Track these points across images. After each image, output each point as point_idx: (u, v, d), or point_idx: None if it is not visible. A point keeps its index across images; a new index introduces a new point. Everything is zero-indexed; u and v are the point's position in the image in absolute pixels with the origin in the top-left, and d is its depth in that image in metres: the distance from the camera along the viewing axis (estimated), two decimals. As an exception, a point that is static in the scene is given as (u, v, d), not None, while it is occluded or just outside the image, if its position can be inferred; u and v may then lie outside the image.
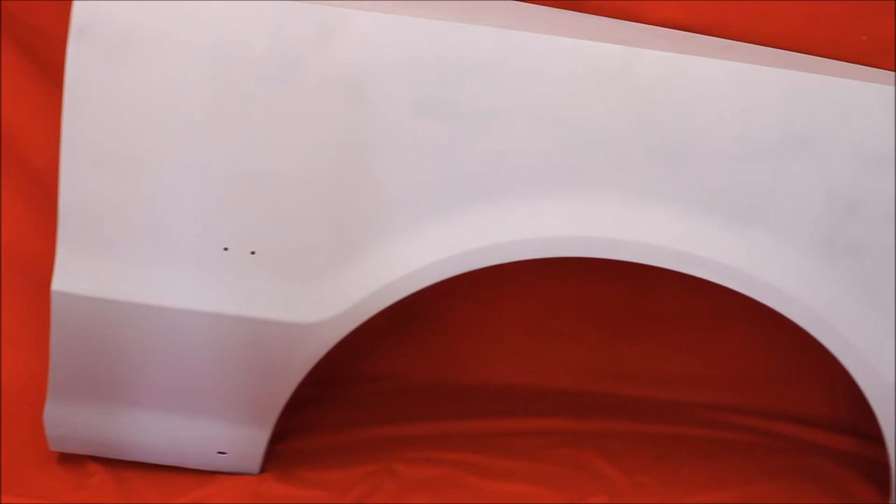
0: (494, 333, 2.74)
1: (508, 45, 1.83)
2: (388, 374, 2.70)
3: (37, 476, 2.15)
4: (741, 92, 1.85)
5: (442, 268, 1.92)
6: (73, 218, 1.92)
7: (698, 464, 2.40)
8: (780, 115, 1.86)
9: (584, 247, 1.91)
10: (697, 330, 2.73)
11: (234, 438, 2.13)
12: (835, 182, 1.87)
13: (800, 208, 1.89)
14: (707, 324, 2.71)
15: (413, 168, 1.87)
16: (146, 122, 1.88)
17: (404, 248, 1.91)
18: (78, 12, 1.84)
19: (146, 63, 1.86)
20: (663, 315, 2.72)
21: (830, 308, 1.94)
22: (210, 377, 2.05)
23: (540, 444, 2.42)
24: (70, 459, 2.18)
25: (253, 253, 1.93)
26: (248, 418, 2.10)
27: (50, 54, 2.41)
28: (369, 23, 1.82)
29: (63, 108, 1.87)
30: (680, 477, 2.34)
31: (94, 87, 1.87)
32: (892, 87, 1.85)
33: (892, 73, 2.04)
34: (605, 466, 2.34)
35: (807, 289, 1.92)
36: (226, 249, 1.93)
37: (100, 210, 1.92)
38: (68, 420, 2.09)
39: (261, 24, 1.83)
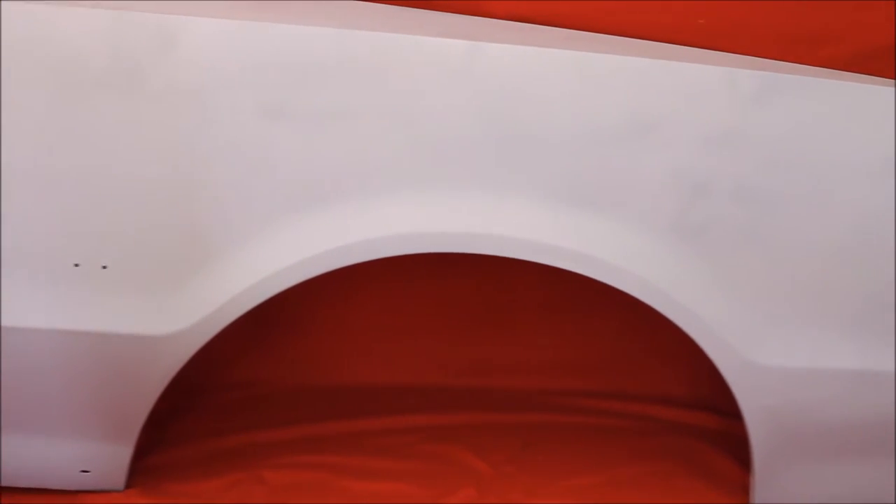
0: (356, 334, 2.74)
1: (352, 45, 1.81)
2: (251, 381, 2.67)
3: None
4: (586, 80, 1.86)
5: (297, 271, 1.91)
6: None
7: (566, 450, 2.43)
8: (625, 102, 1.87)
9: (438, 242, 1.91)
10: (558, 318, 2.76)
11: (97, 456, 2.10)
12: (681, 165, 1.89)
13: (649, 192, 1.91)
14: (567, 311, 2.74)
15: (262, 173, 1.85)
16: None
17: (258, 253, 1.89)
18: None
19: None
20: (524, 305, 2.75)
21: (684, 289, 1.96)
22: (68, 395, 2.01)
23: (407, 441, 2.43)
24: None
25: (104, 267, 1.89)
26: (109, 435, 2.07)
27: None
28: (210, 30, 1.79)
29: None
30: (547, 464, 2.36)
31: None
32: (731, 70, 1.88)
33: (733, 55, 2.07)
34: (472, 459, 2.36)
35: (660, 271, 1.95)
36: (77, 265, 1.89)
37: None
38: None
39: (102, 35, 1.78)
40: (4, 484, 2.12)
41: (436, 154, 1.86)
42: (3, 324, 1.91)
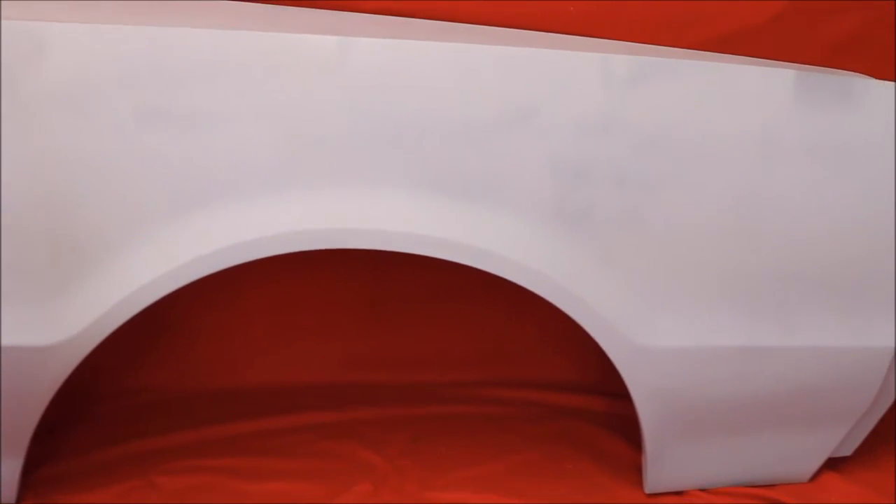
0: (243, 335, 2.73)
1: (224, 46, 1.79)
2: (141, 388, 2.65)
3: None
4: (460, 71, 1.85)
5: (179, 275, 1.87)
6: None
7: (458, 441, 2.45)
8: (499, 91, 1.87)
9: (319, 239, 1.89)
10: (445, 310, 2.77)
11: (-16, 471, 2.06)
12: (559, 151, 1.90)
13: (527, 180, 1.91)
14: (454, 302, 2.76)
15: (140, 177, 1.82)
16: None
17: (140, 258, 1.85)
18: None
19: None
20: (410, 298, 2.75)
21: (568, 275, 1.97)
22: (-49, 410, 1.97)
23: (300, 440, 2.42)
24: None
25: (-17, 278, 1.86)
26: (-5, 449, 2.03)
27: None
28: (82, 35, 1.75)
29: None
30: (441, 456, 2.38)
31: None
32: (605, 56, 1.90)
33: (606, 40, 2.09)
34: (366, 454, 2.37)
35: (543, 258, 1.95)
36: (-46, 277, 1.86)
37: None
38: None
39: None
40: None
41: (312, 151, 1.84)
42: None
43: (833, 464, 2.38)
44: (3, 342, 1.88)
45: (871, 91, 1.99)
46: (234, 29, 1.81)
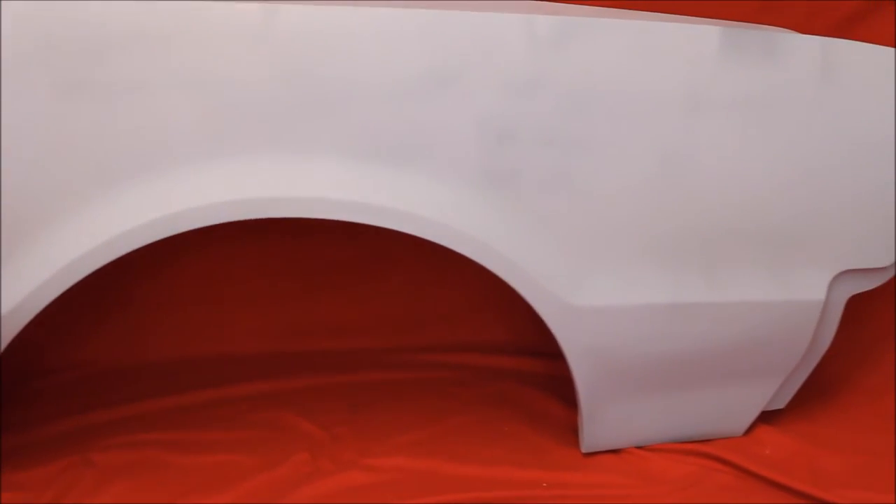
0: (178, 306, 2.73)
1: (146, 15, 1.77)
2: (79, 363, 2.64)
3: None
4: (383, 35, 1.85)
5: (110, 248, 1.85)
6: None
7: (394, 407, 2.46)
8: (424, 54, 1.87)
9: (247, 209, 1.87)
10: (376, 275, 2.79)
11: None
12: (485, 113, 1.90)
13: (454, 143, 1.92)
14: (388, 269, 2.76)
15: (65, 150, 1.80)
16: None
17: (66, 233, 1.83)
18: None
19: None
20: (341, 265, 2.76)
21: (497, 237, 1.97)
22: None
23: (237, 410, 2.43)
24: None
25: None
26: (-72, 431, 2.01)
27: None
28: (-2, 7, 1.75)
29: None
30: (378, 423, 2.38)
31: None
32: (528, 16, 1.89)
33: (531, 1, 2.09)
34: (303, 424, 2.37)
35: (472, 221, 1.95)
36: None
37: None
38: None
39: None
40: None
41: (238, 120, 1.83)
42: None
43: (767, 417, 2.40)
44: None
45: (796, 45, 2.01)
46: (154, -1, 1.79)
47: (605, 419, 2.24)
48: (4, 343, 1.92)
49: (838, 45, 2.04)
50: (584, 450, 2.28)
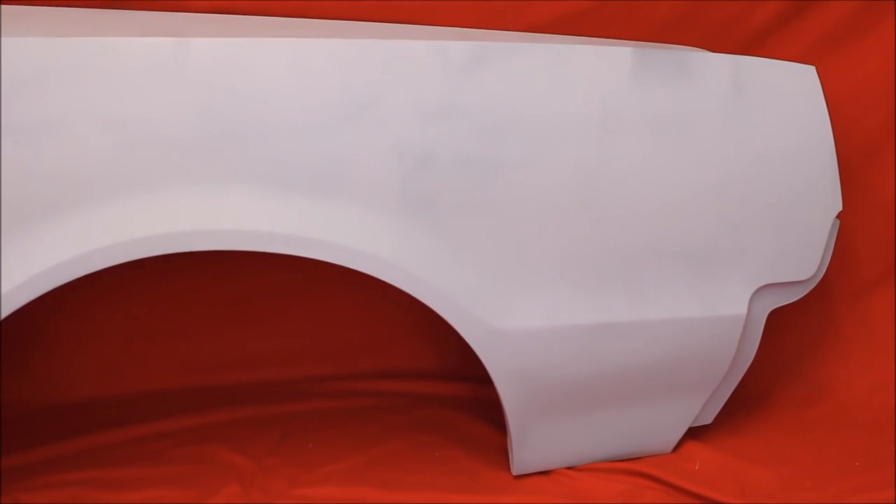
0: (101, 343, 2.69)
1: (56, 53, 1.76)
2: (-3, 404, 2.60)
3: None
4: (297, 67, 1.86)
5: (26, 288, 1.83)
6: None
7: (324, 436, 2.45)
8: (338, 84, 1.87)
9: (165, 244, 1.86)
10: (301, 305, 2.77)
11: None
12: (401, 140, 1.91)
13: (372, 170, 1.92)
14: (310, 297, 2.75)
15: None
16: None
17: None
18: None
19: None
20: (265, 295, 2.74)
21: (419, 262, 1.97)
22: None
23: (164, 446, 2.40)
24: None
25: None
26: None
27: None
28: None
29: None
30: (307, 452, 2.37)
31: None
32: (441, 43, 1.90)
33: (443, 28, 2.10)
34: (232, 456, 2.35)
35: (393, 247, 1.95)
36: None
37: None
38: None
39: None
40: None
41: (154, 155, 1.82)
42: None
43: (695, 433, 2.42)
44: None
45: (707, 63, 2.03)
46: (68, 35, 1.78)
47: (535, 441, 2.24)
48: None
49: (749, 62, 2.07)
50: (514, 472, 2.29)
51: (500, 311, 2.05)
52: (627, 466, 2.31)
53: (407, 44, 1.90)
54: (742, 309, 2.19)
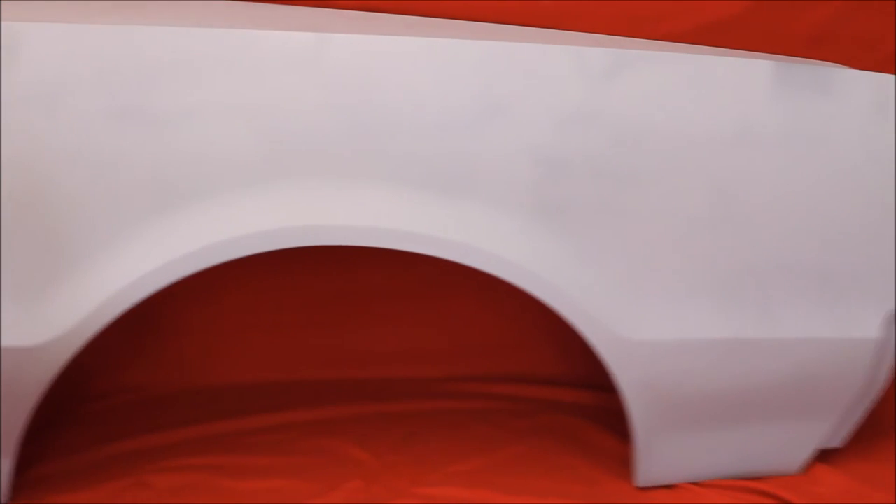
0: (228, 333, 2.74)
1: (199, 43, 1.80)
2: (128, 387, 2.66)
3: None
4: (436, 66, 1.87)
5: (163, 274, 1.88)
6: None
7: (447, 436, 2.46)
8: (475, 85, 1.88)
9: (301, 236, 1.90)
10: (430, 304, 2.79)
11: (-25, 472, 2.07)
12: (536, 144, 1.91)
13: (507, 174, 1.92)
14: (439, 297, 2.77)
15: (118, 176, 1.83)
16: None
17: (122, 258, 1.86)
18: None
19: None
20: (395, 293, 2.77)
21: (549, 268, 1.98)
22: (-60, 412, 1.98)
23: (289, 437, 2.43)
24: None
25: (-34, 279, 1.87)
26: (-15, 449, 2.04)
27: None
28: (55, 34, 1.76)
29: None
30: (430, 452, 2.39)
31: None
32: (580, 48, 1.90)
33: (583, 34, 2.10)
34: (356, 451, 2.37)
35: (524, 252, 1.96)
36: (-63, 278, 1.87)
37: None
38: None
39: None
40: None
41: (290, 148, 1.85)
42: None
43: (826, 456, 2.38)
44: (-9, 343, 1.89)
45: (848, 80, 2.00)
46: (209, 27, 1.82)
47: (660, 453, 2.23)
48: (60, 365, 1.95)
49: (891, 81, 2.03)
50: (637, 484, 2.27)
51: (629, 320, 2.04)
52: (752, 485, 2.27)
53: (545, 48, 1.90)
54: (874, 332, 2.14)
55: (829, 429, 2.29)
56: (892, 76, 2.03)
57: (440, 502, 2.19)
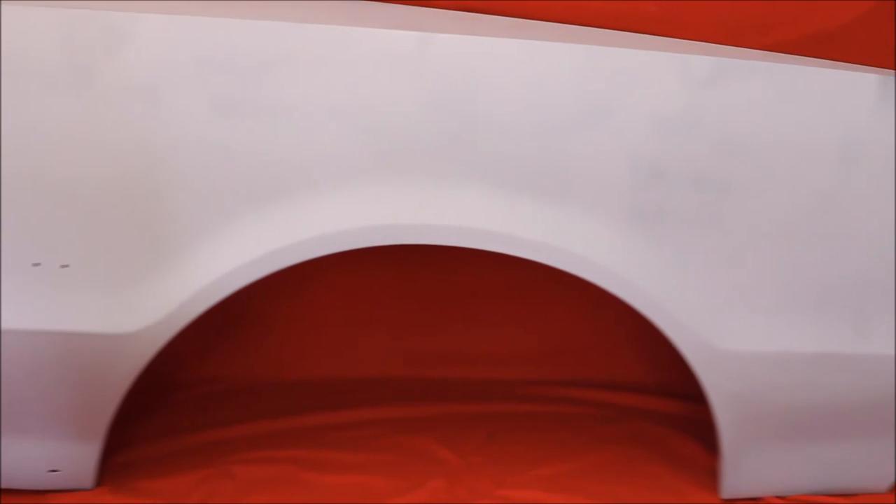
0: (318, 328, 2.75)
1: (302, 39, 1.81)
2: (217, 377, 2.69)
3: None
4: (538, 69, 1.86)
5: (256, 266, 1.90)
6: None
7: (532, 439, 2.45)
8: (577, 89, 1.87)
9: (394, 235, 1.91)
10: (520, 307, 2.78)
11: (65, 455, 2.10)
12: (636, 150, 1.90)
13: (605, 179, 1.91)
14: (528, 300, 2.76)
15: (217, 168, 1.85)
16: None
17: (218, 249, 1.88)
18: None
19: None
20: (484, 295, 2.77)
21: (643, 275, 1.97)
22: (33, 395, 2.00)
23: (373, 433, 2.44)
24: None
25: (65, 266, 1.89)
26: (76, 434, 2.07)
27: None
28: (160, 25, 1.78)
29: None
30: (514, 454, 2.38)
31: None
32: (684, 56, 1.88)
33: (684, 40, 2.08)
34: (440, 450, 2.38)
35: (619, 258, 1.95)
36: (36, 265, 1.89)
37: None
38: None
39: (52, 33, 1.77)
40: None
41: (389, 146, 1.86)
42: (-35, 326, 1.91)
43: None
44: (85, 329, 1.92)
45: (956, 97, 1.97)
46: (312, 23, 1.82)
47: (747, 466, 2.21)
48: (151, 353, 1.97)
49: None
50: (723, 496, 2.25)
51: (721, 331, 2.03)
52: (839, 501, 2.25)
53: (648, 54, 1.88)
54: (967, 353, 2.11)
55: (921, 448, 2.26)
56: None
57: (523, 505, 2.19)
